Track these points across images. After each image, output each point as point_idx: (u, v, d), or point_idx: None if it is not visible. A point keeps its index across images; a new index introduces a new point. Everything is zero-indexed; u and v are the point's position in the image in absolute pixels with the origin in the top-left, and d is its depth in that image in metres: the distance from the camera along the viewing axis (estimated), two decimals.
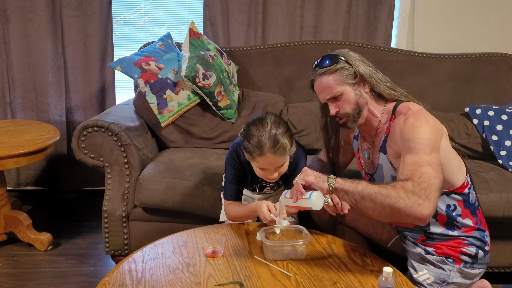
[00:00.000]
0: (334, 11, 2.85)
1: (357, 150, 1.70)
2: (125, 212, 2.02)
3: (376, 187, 1.25)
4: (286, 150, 1.44)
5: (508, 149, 2.27)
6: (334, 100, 1.50)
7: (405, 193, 1.22)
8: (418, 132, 1.33)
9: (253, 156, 1.44)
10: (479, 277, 1.56)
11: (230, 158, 1.62)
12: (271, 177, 1.50)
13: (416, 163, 1.29)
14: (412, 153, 1.32)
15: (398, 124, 1.41)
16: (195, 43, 2.38)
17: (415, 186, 1.23)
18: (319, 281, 1.28)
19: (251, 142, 1.43)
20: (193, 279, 1.27)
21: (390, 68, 2.60)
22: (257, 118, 1.48)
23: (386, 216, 1.26)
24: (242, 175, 1.65)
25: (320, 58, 1.51)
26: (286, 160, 1.50)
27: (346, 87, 1.47)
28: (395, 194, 1.22)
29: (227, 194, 1.66)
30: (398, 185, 1.25)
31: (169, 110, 2.29)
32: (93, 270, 2.13)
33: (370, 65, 1.51)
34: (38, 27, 2.67)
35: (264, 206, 1.50)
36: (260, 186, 1.74)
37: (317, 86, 1.52)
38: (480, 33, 3.00)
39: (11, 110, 2.78)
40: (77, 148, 1.99)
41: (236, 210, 1.64)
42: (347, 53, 1.51)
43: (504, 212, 1.93)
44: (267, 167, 1.47)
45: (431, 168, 1.28)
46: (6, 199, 2.29)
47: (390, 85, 1.52)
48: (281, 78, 2.61)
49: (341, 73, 1.46)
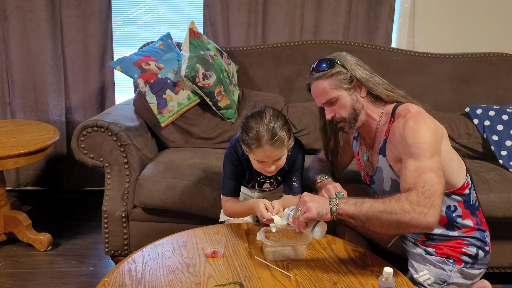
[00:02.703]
0: (334, 10, 2.85)
1: (356, 151, 1.69)
2: (125, 212, 2.01)
3: (381, 205, 1.25)
4: (284, 143, 1.45)
5: (508, 149, 2.27)
6: (330, 105, 1.50)
7: (410, 205, 1.23)
8: (419, 137, 1.33)
9: (251, 148, 1.45)
10: (479, 277, 1.56)
11: (228, 153, 1.64)
12: (268, 169, 1.51)
13: (418, 170, 1.30)
14: (413, 158, 1.32)
15: (398, 128, 1.40)
16: (195, 43, 2.37)
17: (419, 196, 1.24)
18: (319, 282, 1.27)
19: (249, 134, 1.44)
20: (193, 279, 1.26)
21: (390, 68, 2.60)
22: (256, 111, 1.50)
23: (394, 230, 1.29)
24: (240, 171, 1.66)
25: (316, 61, 1.50)
26: (284, 153, 1.51)
27: (341, 92, 1.47)
28: (400, 209, 1.23)
29: (225, 190, 1.67)
30: (403, 197, 1.25)
31: (169, 110, 2.29)
32: (92, 271, 2.13)
33: (367, 69, 1.50)
34: (37, 26, 2.67)
35: (262, 204, 1.50)
36: (259, 183, 1.74)
37: (313, 90, 1.52)
38: (480, 33, 3.00)
39: (11, 110, 2.78)
40: (76, 148, 1.98)
41: (233, 206, 1.64)
42: (343, 57, 1.50)
43: (504, 212, 1.93)
44: (265, 160, 1.48)
45: (434, 174, 1.29)
46: (6, 199, 2.29)
47: (388, 87, 1.51)
48: (281, 78, 2.61)
49: (336, 78, 1.46)
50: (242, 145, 1.51)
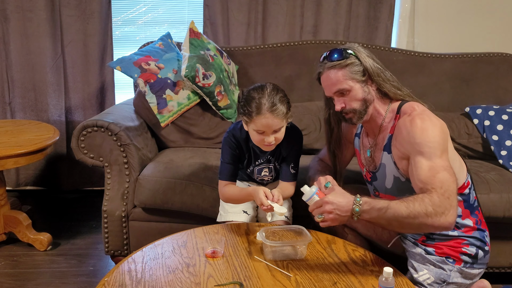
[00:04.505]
0: (334, 10, 2.85)
1: (358, 148, 1.69)
2: (125, 212, 2.01)
3: (404, 209, 1.27)
4: (284, 113, 1.50)
5: (508, 149, 2.27)
6: (341, 95, 1.48)
7: (433, 207, 1.26)
8: (428, 135, 1.34)
9: (252, 116, 1.49)
10: (479, 277, 1.56)
11: (226, 137, 1.68)
12: (267, 140, 1.53)
13: (432, 169, 1.32)
14: (424, 157, 1.34)
15: (404, 126, 1.40)
16: (195, 42, 2.37)
17: (440, 197, 1.27)
18: (319, 281, 1.27)
19: (250, 103, 1.50)
20: (193, 279, 1.26)
21: (390, 68, 2.55)
22: (257, 85, 1.56)
23: (413, 231, 1.37)
24: (238, 155, 1.69)
25: (329, 51, 1.49)
26: (283, 125, 1.54)
27: (355, 83, 1.46)
28: (423, 213, 1.26)
29: (223, 174, 1.68)
30: (426, 199, 1.27)
31: (168, 110, 2.29)
32: (92, 270, 2.13)
33: (378, 63, 1.50)
34: (37, 26, 2.67)
35: (261, 191, 1.50)
36: (257, 170, 1.75)
37: (325, 79, 1.50)
38: (480, 33, 3.00)
39: (11, 110, 2.78)
40: (76, 148, 1.98)
41: (232, 191, 1.66)
42: (357, 48, 1.49)
43: (504, 212, 1.93)
44: (265, 129, 1.51)
45: (447, 172, 1.32)
46: (6, 199, 2.28)
47: (396, 84, 1.52)
48: (281, 77, 2.61)
49: (350, 69, 1.45)
50: (242, 118, 1.55)
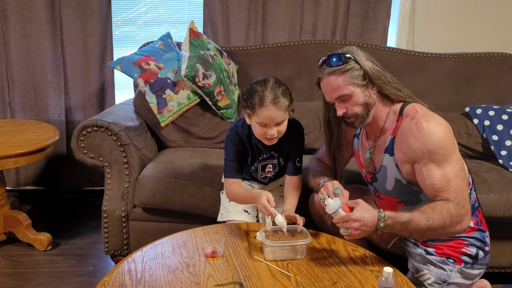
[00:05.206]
0: (333, 10, 2.85)
1: (357, 148, 1.69)
2: (125, 212, 2.01)
3: (424, 221, 1.31)
4: (286, 105, 1.53)
5: (508, 149, 2.27)
6: (342, 101, 1.47)
7: (450, 218, 1.32)
8: (437, 139, 1.36)
9: (255, 108, 1.51)
10: (479, 277, 1.56)
11: (229, 135, 1.69)
12: (270, 133, 1.54)
13: (444, 177, 1.36)
14: (436, 164, 1.37)
15: (411, 130, 1.40)
16: (195, 42, 2.37)
17: (456, 208, 1.33)
18: (319, 281, 1.27)
19: (253, 96, 1.53)
20: (192, 279, 1.26)
21: (390, 68, 2.55)
22: (260, 78, 1.59)
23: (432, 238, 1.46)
24: (241, 151, 1.69)
25: (327, 55, 1.47)
26: (285, 118, 1.56)
27: (355, 88, 1.44)
28: (442, 225, 1.32)
29: (228, 172, 1.68)
30: (444, 211, 1.32)
31: (168, 110, 2.29)
32: (92, 270, 2.13)
33: (378, 65, 1.49)
34: (37, 26, 2.67)
35: (264, 196, 1.50)
36: (261, 166, 1.75)
37: (325, 85, 1.48)
38: (480, 33, 3.00)
39: (11, 109, 2.78)
40: (76, 148, 1.98)
41: (238, 190, 1.66)
42: (355, 51, 1.47)
43: (504, 212, 1.93)
44: (267, 122, 1.53)
45: (459, 179, 1.36)
46: (6, 199, 2.28)
47: (397, 86, 1.50)
48: (281, 77, 2.54)
49: (351, 74, 1.43)
50: (245, 111, 1.57)
